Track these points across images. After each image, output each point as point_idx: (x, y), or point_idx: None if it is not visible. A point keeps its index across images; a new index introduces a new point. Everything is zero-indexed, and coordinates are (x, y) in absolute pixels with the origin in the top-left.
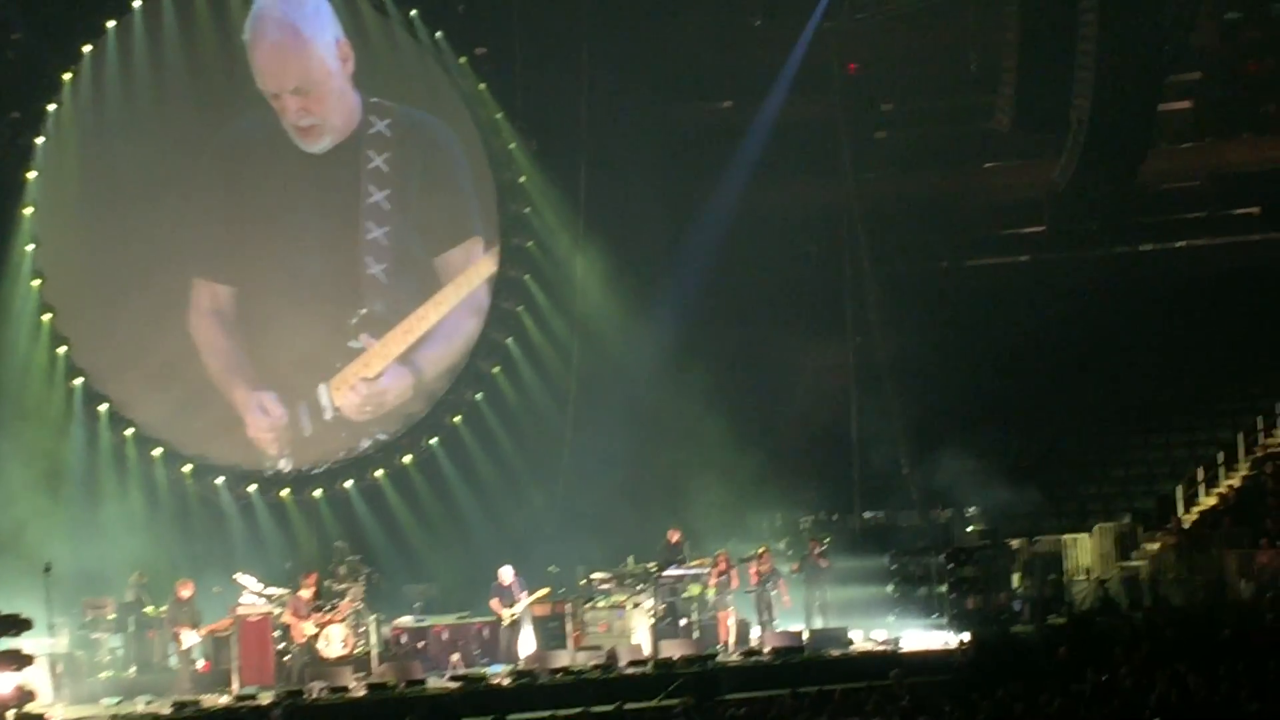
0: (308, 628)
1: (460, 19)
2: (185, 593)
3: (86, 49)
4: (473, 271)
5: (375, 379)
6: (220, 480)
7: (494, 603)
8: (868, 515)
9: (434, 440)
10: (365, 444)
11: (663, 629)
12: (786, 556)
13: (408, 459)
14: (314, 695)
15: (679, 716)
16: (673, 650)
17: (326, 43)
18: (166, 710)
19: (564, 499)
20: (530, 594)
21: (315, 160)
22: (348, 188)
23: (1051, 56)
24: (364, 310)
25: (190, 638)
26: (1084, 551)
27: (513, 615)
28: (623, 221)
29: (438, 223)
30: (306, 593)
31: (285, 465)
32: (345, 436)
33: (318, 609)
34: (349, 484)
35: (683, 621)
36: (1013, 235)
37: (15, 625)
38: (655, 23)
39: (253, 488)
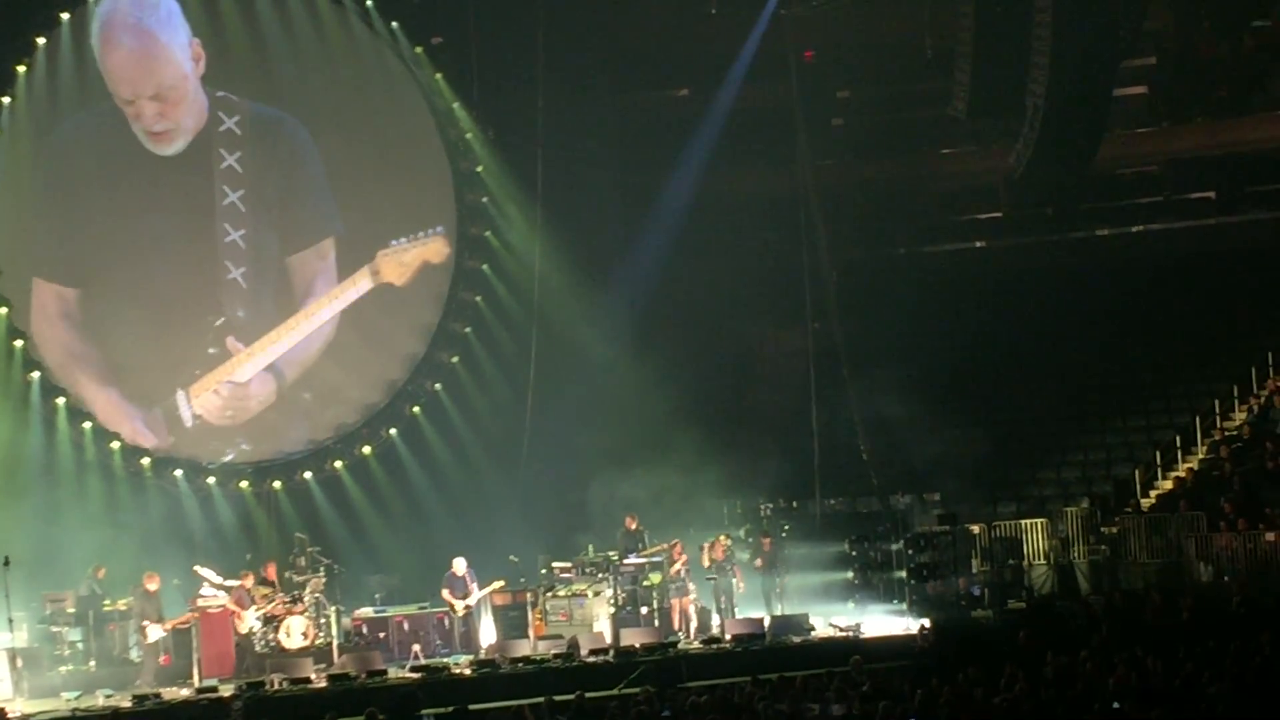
0: (248, 617)
1: (415, 8)
2: (151, 586)
3: (40, 41)
4: (349, 284)
5: (243, 384)
6: (179, 473)
7: (445, 593)
8: (828, 501)
9: (393, 431)
10: (230, 454)
11: (624, 617)
12: (746, 544)
13: (367, 450)
14: (275, 687)
15: (641, 704)
16: (634, 638)
17: (181, 45)
18: (127, 703)
19: (524, 488)
20: (482, 585)
21: (166, 160)
22: (201, 188)
23: (1007, 42)
24: (224, 317)
25: (155, 632)
26: (1043, 536)
27: (466, 607)
28: (580, 209)
29: (292, 223)
30: (248, 582)
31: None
32: (209, 445)
33: (267, 599)
34: (308, 475)
35: (644, 609)
36: (969, 221)
37: None
38: (611, 10)
39: (211, 480)
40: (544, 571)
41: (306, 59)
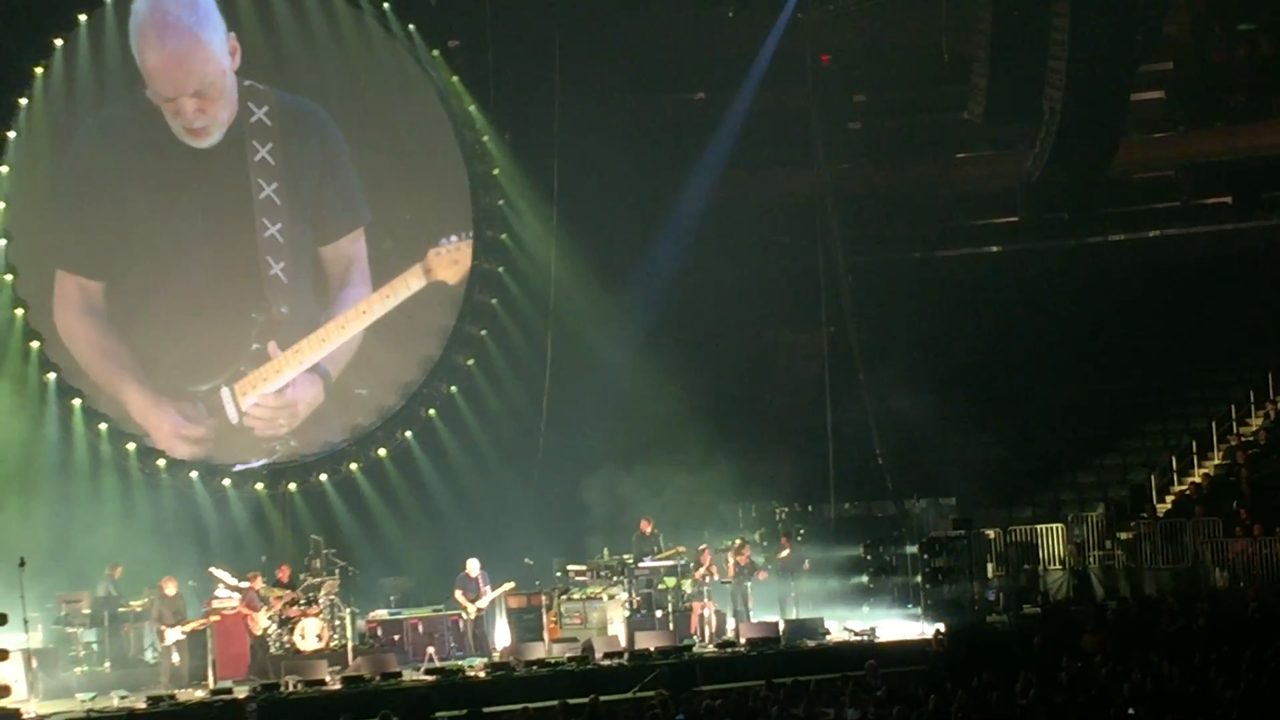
0: (261, 619)
1: (433, 12)
2: (170, 589)
3: (58, 43)
4: (400, 283)
5: (283, 391)
6: (195, 474)
7: (458, 594)
8: (843, 505)
9: (409, 433)
10: (278, 451)
11: (638, 620)
12: (762, 548)
13: (382, 452)
14: (289, 688)
15: (655, 708)
16: (648, 642)
17: (220, 42)
18: (142, 705)
19: (539, 491)
20: (495, 587)
21: (197, 153)
22: (235, 181)
23: (1024, 47)
24: (270, 312)
25: (174, 634)
26: (1058, 541)
27: (478, 609)
28: (596, 213)
29: (325, 212)
30: (257, 583)
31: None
32: (255, 446)
33: (291, 602)
34: (323, 477)
35: (658, 613)
36: (985, 225)
37: None
38: (628, 14)
39: (226, 482)
40: (559, 574)
41: (325, 59)
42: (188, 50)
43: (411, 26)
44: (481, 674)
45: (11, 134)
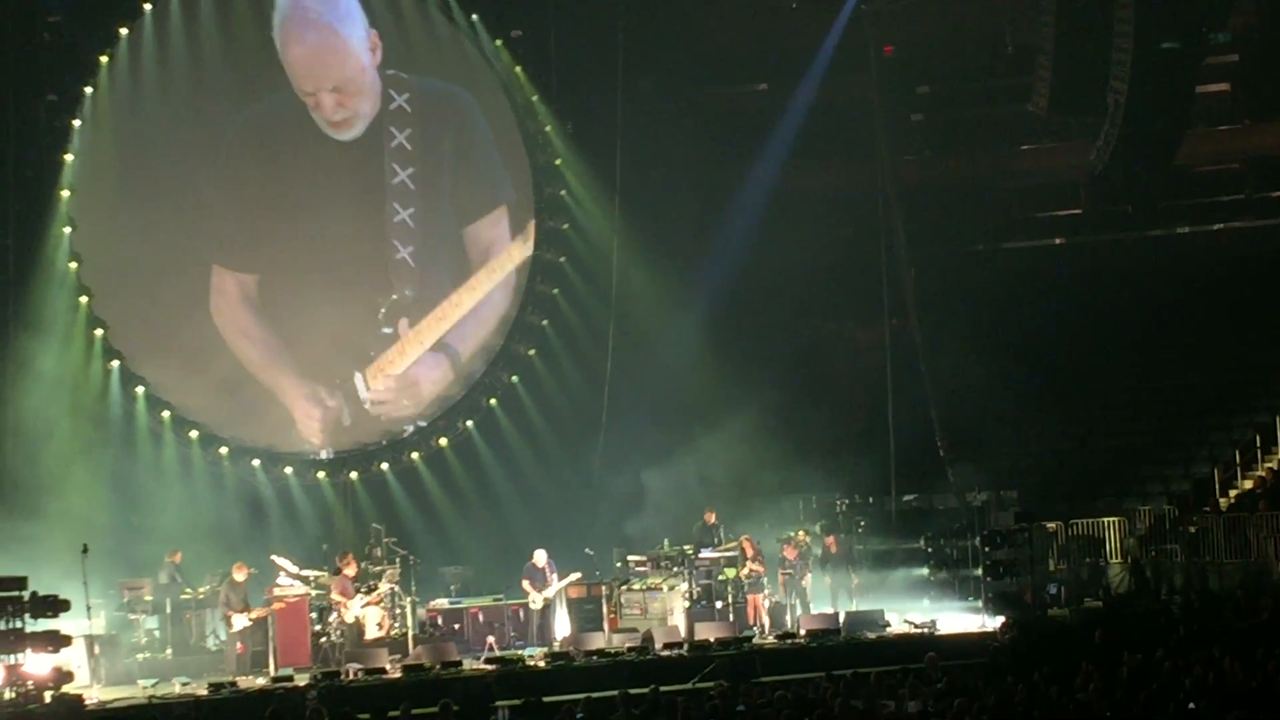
0: (354, 606)
1: (496, 2)
2: (240, 575)
3: (123, 31)
4: (506, 256)
5: (407, 372)
6: (256, 462)
7: (525, 584)
8: (904, 498)
9: (470, 422)
10: (409, 430)
11: (698, 611)
12: (821, 540)
13: (443, 441)
14: (350, 677)
15: (714, 699)
16: (708, 633)
17: (360, 38)
18: (203, 691)
19: (599, 481)
20: (561, 578)
21: (341, 144)
22: (372, 169)
23: (1089, 39)
24: (394, 296)
25: (240, 621)
26: (1120, 535)
27: (545, 599)
28: (658, 204)
29: (465, 194)
30: (351, 570)
31: (326, 454)
32: (384, 425)
33: (368, 589)
34: (385, 466)
35: (719, 604)
36: (1049, 218)
37: (53, 606)
38: (691, 4)
39: (289, 470)
40: (619, 565)
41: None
42: (326, 45)
43: (475, 16)
44: (541, 664)
45: (77, 122)
